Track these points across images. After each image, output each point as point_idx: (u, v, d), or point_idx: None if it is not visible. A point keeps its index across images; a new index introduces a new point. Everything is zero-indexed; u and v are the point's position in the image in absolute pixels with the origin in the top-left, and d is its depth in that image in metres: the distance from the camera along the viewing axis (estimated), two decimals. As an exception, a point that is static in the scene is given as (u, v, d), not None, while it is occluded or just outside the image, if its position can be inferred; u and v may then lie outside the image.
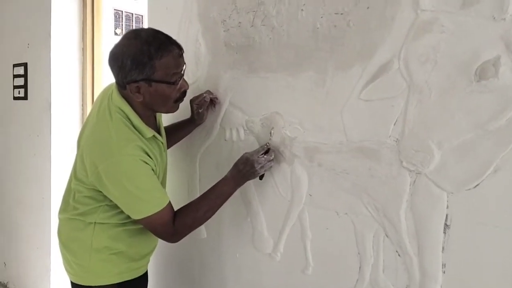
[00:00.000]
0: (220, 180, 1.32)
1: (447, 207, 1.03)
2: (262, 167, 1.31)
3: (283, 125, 1.36)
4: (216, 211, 1.31)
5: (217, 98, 1.54)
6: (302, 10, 1.28)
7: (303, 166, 1.31)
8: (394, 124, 1.11)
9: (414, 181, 1.08)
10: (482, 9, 0.96)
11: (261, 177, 1.38)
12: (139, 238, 1.32)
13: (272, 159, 1.34)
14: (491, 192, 0.96)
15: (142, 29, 1.23)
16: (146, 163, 1.20)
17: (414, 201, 1.08)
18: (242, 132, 1.49)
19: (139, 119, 1.25)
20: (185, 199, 1.65)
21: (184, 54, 1.26)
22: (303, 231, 1.32)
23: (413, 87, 1.07)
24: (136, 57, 1.16)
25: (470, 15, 0.98)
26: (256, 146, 1.44)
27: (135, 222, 1.25)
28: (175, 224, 1.24)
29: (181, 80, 1.26)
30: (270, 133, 1.38)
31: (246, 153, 1.33)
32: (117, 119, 1.23)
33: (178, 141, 1.63)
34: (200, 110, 1.51)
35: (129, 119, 1.24)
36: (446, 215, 1.03)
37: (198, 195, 1.60)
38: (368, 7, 1.14)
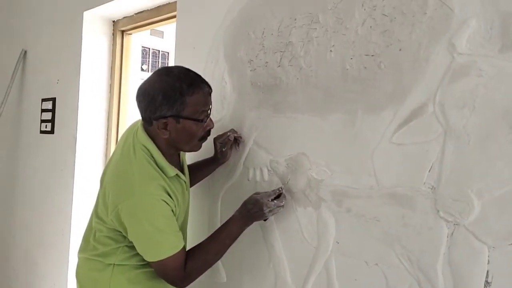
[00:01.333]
0: (228, 220, 1.30)
1: (488, 262, 0.95)
2: (270, 211, 1.28)
3: (310, 167, 1.31)
4: (225, 251, 1.27)
5: (241, 137, 1.51)
6: (331, 51, 1.26)
7: (331, 211, 1.25)
8: (429, 170, 1.05)
9: (452, 233, 1.01)
10: (523, 53, 0.92)
11: (266, 219, 1.34)
12: (158, 281, 1.27)
13: (283, 205, 1.31)
14: (539, 248, 0.89)
15: (174, 67, 1.25)
16: (167, 203, 1.18)
17: (452, 254, 1.01)
18: (266, 172, 1.45)
19: (163, 157, 1.24)
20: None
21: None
22: (330, 281, 1.24)
23: (450, 132, 1.02)
24: (167, 93, 1.16)
25: (510, 60, 0.94)
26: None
27: None
28: (186, 269, 1.20)
29: (207, 119, 1.25)
30: (288, 178, 1.35)
31: (256, 193, 1.31)
32: (140, 156, 1.21)
33: (201, 179, 1.60)
34: (223, 149, 1.49)
35: (152, 157, 1.23)
36: (487, 272, 0.95)
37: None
38: (400, 49, 1.11)
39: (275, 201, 1.29)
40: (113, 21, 2.41)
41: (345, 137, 1.23)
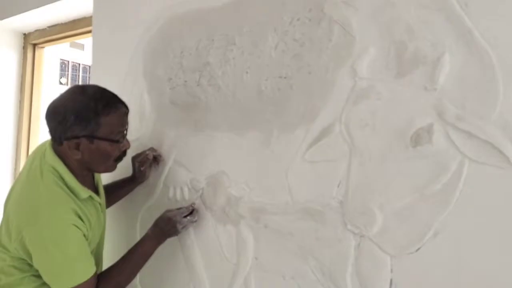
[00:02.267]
0: (140, 240, 1.31)
1: (391, 271, 1.03)
2: (184, 227, 1.32)
3: (229, 185, 1.33)
4: (139, 271, 1.27)
5: (160, 156, 1.49)
6: (247, 72, 1.30)
7: (249, 228, 1.28)
8: (338, 186, 1.12)
9: (359, 244, 1.08)
10: (414, 79, 1.03)
11: None
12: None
13: (196, 220, 1.36)
14: (432, 256, 0.98)
15: (88, 85, 1.22)
16: (78, 228, 1.13)
17: (359, 264, 1.08)
18: (186, 191, 1.44)
19: (74, 178, 1.19)
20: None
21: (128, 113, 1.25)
22: (249, 297, 1.26)
23: (354, 150, 1.10)
24: (81, 112, 1.12)
25: (404, 84, 1.04)
26: (200, 206, 1.39)
27: None
28: None
29: (124, 139, 1.23)
30: (200, 193, 1.39)
31: (168, 211, 1.34)
32: (48, 179, 1.15)
33: (118, 200, 1.55)
34: (142, 168, 1.46)
35: (62, 178, 1.17)
36: (391, 280, 1.03)
37: (138, 259, 1.52)
38: (310, 72, 1.18)
39: (188, 217, 1.33)
40: (24, 34, 2.27)
41: (262, 155, 1.27)
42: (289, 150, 1.21)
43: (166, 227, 1.29)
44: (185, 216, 1.32)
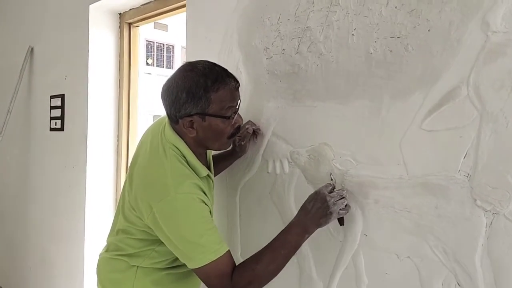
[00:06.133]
0: (285, 227, 1.17)
1: (534, 253, 0.90)
2: (334, 203, 1.12)
3: (333, 158, 1.26)
4: (282, 264, 1.11)
5: (259, 129, 1.46)
6: (353, 34, 1.20)
7: (357, 203, 1.20)
8: (464, 157, 0.99)
9: (491, 223, 0.95)
10: None
11: (341, 221, 1.18)
12: (181, 283, 1.24)
13: (344, 197, 1.15)
14: None
15: (198, 62, 1.17)
16: (204, 203, 1.12)
17: (491, 245, 0.95)
18: (286, 164, 1.40)
19: (194, 157, 1.18)
20: (224, 237, 1.56)
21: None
22: (358, 275, 1.20)
23: (486, 116, 0.96)
24: (191, 90, 1.10)
25: (553, 35, 0.88)
26: (302, 180, 1.34)
27: (179, 267, 1.18)
28: (233, 278, 1.08)
29: (235, 115, 1.18)
30: (331, 178, 1.23)
31: (322, 189, 1.16)
32: (172, 156, 1.15)
33: (218, 173, 1.55)
34: (242, 142, 1.43)
35: (184, 156, 1.17)
36: (533, 263, 0.90)
37: (238, 233, 1.52)
38: (429, 30, 1.05)
39: (334, 190, 1.16)
40: (120, 14, 2.35)
41: (370, 124, 1.17)
42: (403, 119, 1.10)
43: (315, 205, 1.11)
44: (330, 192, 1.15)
